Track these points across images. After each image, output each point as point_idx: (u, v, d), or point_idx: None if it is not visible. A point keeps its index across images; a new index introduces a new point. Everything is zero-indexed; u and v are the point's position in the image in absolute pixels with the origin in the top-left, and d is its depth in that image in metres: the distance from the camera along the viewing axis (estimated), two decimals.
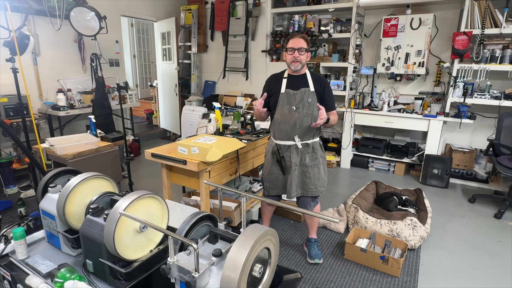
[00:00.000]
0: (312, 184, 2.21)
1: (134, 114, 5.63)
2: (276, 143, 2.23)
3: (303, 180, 2.21)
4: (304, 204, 2.29)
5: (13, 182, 3.42)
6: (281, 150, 2.21)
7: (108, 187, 1.53)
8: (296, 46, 2.07)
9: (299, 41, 2.07)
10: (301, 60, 2.09)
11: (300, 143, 2.15)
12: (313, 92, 2.13)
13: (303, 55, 2.09)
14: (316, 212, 2.34)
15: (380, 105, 4.27)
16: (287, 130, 2.15)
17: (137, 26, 7.91)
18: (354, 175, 4.29)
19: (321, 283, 2.15)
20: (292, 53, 2.08)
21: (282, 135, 2.18)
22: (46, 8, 3.78)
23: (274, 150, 2.23)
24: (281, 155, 2.21)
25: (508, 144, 3.30)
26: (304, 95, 2.11)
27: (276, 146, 2.23)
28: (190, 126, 4.36)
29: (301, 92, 2.12)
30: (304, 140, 2.16)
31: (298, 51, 2.07)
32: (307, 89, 2.13)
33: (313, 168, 2.20)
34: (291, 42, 2.09)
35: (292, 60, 2.10)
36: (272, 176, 2.29)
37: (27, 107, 3.19)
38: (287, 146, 2.18)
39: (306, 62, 2.14)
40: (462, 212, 3.22)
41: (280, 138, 2.20)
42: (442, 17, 3.98)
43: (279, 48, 4.92)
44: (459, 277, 2.25)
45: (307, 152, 2.18)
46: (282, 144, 2.20)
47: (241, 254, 0.92)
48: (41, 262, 1.40)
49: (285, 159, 2.21)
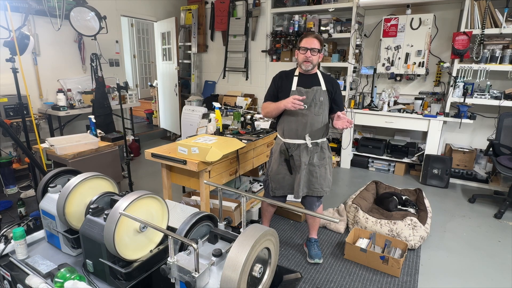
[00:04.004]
0: (318, 184, 2.18)
1: (134, 114, 5.63)
2: (284, 141, 2.18)
3: (310, 180, 2.19)
4: (309, 204, 2.28)
5: (13, 182, 3.42)
6: (290, 149, 2.16)
7: (108, 187, 1.53)
8: (309, 46, 2.03)
9: (312, 41, 2.03)
10: (312, 61, 2.06)
11: (310, 142, 2.11)
12: (324, 91, 2.11)
13: (315, 56, 2.06)
14: (317, 212, 2.34)
15: (380, 105, 4.27)
16: (297, 128, 2.11)
17: (137, 26, 7.90)
18: (354, 175, 4.29)
19: (321, 283, 2.15)
20: (305, 52, 2.05)
21: (292, 134, 2.14)
22: (46, 8, 3.78)
23: (282, 149, 2.18)
24: (290, 154, 2.17)
25: (508, 144, 3.30)
26: (316, 94, 2.08)
27: (284, 145, 2.18)
28: (190, 126, 4.36)
29: (313, 91, 2.09)
30: (314, 139, 2.12)
31: (311, 51, 2.04)
32: (319, 87, 2.10)
33: (320, 168, 2.17)
34: (304, 42, 2.05)
35: (304, 59, 2.06)
36: (279, 176, 2.24)
37: (27, 107, 3.19)
38: (296, 145, 2.14)
39: (318, 62, 2.11)
40: (462, 212, 3.22)
41: (289, 137, 2.16)
42: (442, 17, 3.98)
43: (279, 48, 4.92)
44: (459, 277, 2.25)
45: (316, 151, 2.15)
46: (291, 143, 2.15)
47: (241, 254, 0.92)
48: (41, 262, 1.40)
49: (293, 158, 2.17)
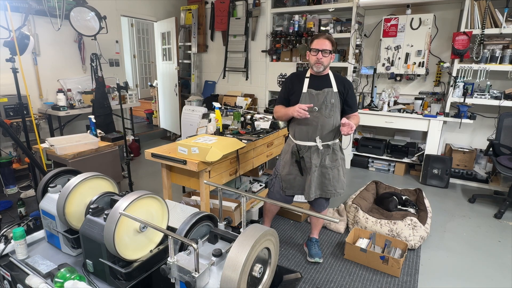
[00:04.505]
0: (331, 186, 2.17)
1: (134, 114, 5.63)
2: (296, 143, 2.18)
3: (323, 182, 2.17)
4: (319, 205, 2.27)
5: (13, 182, 3.42)
6: (301, 151, 2.16)
7: (108, 187, 1.53)
8: (320, 47, 2.01)
9: (323, 42, 2.01)
10: (323, 62, 2.04)
11: (321, 144, 2.10)
12: (336, 93, 2.09)
13: (326, 57, 2.03)
14: (317, 212, 2.34)
15: (380, 105, 4.26)
16: (308, 130, 2.10)
17: (137, 26, 7.90)
18: (354, 175, 4.29)
19: (321, 283, 2.15)
20: (316, 54, 2.02)
21: (302, 136, 2.13)
22: (46, 8, 3.78)
23: (293, 151, 2.18)
24: (301, 155, 2.16)
25: (508, 144, 3.30)
26: (327, 96, 2.07)
27: (296, 147, 2.17)
28: (190, 126, 4.36)
29: (324, 93, 2.07)
30: (325, 141, 2.11)
31: (322, 52, 2.01)
32: (330, 89, 2.08)
33: (333, 169, 2.16)
34: (315, 43, 2.03)
35: (316, 61, 2.04)
36: (290, 177, 2.24)
37: (27, 107, 3.19)
38: (307, 146, 2.13)
39: (330, 63, 2.09)
40: (462, 212, 3.22)
41: (300, 139, 2.15)
42: (442, 17, 3.98)
43: (279, 48, 4.92)
44: (459, 277, 2.25)
45: (327, 153, 2.14)
46: (302, 144, 2.15)
47: (241, 254, 0.92)
48: (41, 262, 1.40)
49: (304, 160, 2.16)
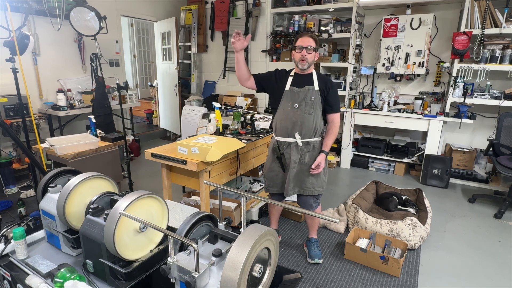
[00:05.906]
0: (309, 183, 2.20)
1: (134, 114, 5.63)
2: (277, 139, 2.23)
3: (301, 179, 2.20)
4: (304, 203, 2.29)
5: (13, 182, 3.42)
6: (281, 147, 2.20)
7: (108, 187, 1.53)
8: (304, 44, 2.06)
9: (307, 39, 2.06)
10: (307, 59, 2.08)
11: (300, 141, 2.14)
12: (317, 90, 2.13)
13: (310, 54, 2.08)
14: (317, 212, 2.34)
15: (380, 105, 4.26)
16: (287, 127, 2.14)
17: (137, 26, 7.90)
18: (354, 175, 4.29)
19: (321, 283, 2.15)
20: (300, 51, 2.08)
21: (283, 132, 2.18)
22: (46, 8, 3.78)
23: (274, 147, 2.24)
24: (281, 152, 2.21)
25: (508, 144, 3.30)
26: (307, 93, 2.11)
27: (276, 143, 2.23)
28: (190, 126, 4.35)
29: (305, 90, 2.12)
30: (305, 138, 2.15)
31: (306, 49, 2.06)
32: (311, 87, 2.13)
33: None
34: (299, 41, 2.09)
35: (300, 58, 2.09)
36: (272, 174, 2.29)
37: (27, 107, 3.19)
38: (287, 143, 2.18)
39: (314, 61, 2.13)
40: (462, 212, 3.22)
41: (281, 135, 2.19)
42: (442, 17, 3.98)
43: (279, 48, 4.92)
44: (459, 277, 2.25)
45: (307, 150, 2.17)
46: (282, 141, 2.19)
47: (241, 254, 0.92)
48: (41, 262, 1.40)
49: (285, 156, 2.21)
